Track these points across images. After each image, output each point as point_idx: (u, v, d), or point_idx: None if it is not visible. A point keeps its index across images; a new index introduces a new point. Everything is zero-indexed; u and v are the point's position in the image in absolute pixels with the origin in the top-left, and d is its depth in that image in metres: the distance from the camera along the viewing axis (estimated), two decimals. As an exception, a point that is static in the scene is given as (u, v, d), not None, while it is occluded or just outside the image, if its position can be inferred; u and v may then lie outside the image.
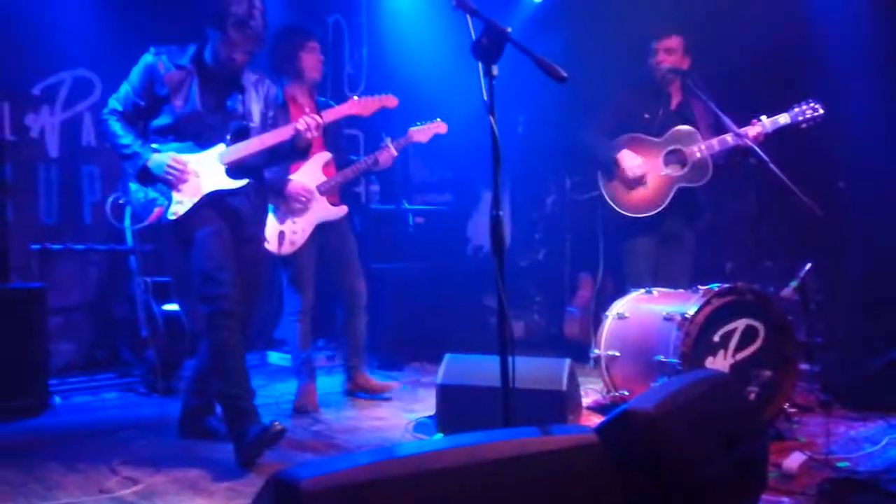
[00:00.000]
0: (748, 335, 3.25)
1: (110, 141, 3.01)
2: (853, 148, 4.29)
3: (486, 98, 2.04)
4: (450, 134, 4.00)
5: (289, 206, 3.70)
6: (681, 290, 3.61)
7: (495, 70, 2.04)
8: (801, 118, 3.70)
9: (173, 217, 2.95)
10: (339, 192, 3.92)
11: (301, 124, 2.99)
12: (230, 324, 2.91)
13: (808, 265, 3.32)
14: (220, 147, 3.01)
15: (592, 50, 5.23)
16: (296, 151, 3.14)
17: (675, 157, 3.91)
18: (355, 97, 3.31)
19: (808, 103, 3.71)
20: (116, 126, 2.97)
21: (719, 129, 3.83)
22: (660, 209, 3.92)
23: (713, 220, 5.01)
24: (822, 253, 4.30)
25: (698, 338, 3.18)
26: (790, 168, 3.63)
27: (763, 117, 3.73)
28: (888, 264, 4.14)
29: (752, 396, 3.11)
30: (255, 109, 3.10)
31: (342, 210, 3.85)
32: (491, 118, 2.03)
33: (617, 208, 3.99)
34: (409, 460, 1.30)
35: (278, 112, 3.39)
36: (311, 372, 3.87)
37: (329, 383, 4.44)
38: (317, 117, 3.03)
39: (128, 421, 3.53)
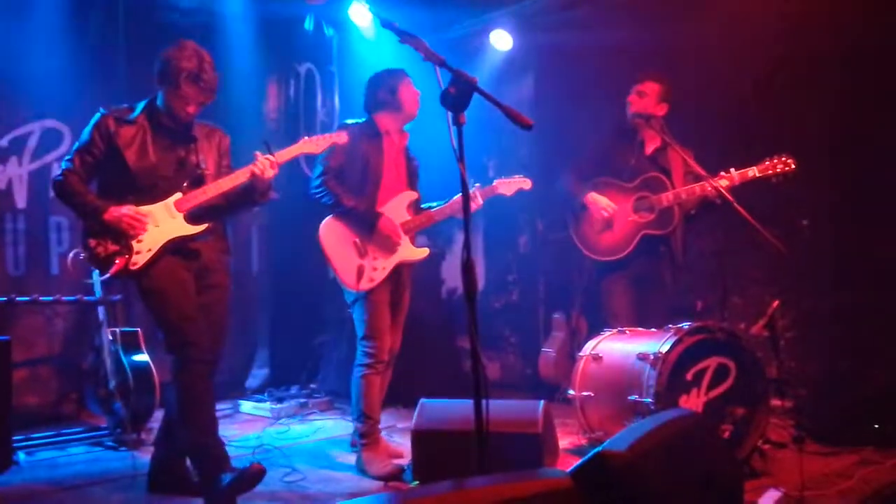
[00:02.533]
0: (720, 373, 3.29)
1: (67, 199, 3.01)
2: (815, 187, 4.41)
3: (454, 146, 2.08)
4: (422, 177, 4.01)
5: (375, 240, 3.52)
6: (653, 329, 3.65)
7: (463, 118, 2.08)
8: (770, 172, 3.75)
9: (135, 268, 2.95)
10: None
11: (258, 167, 3.00)
12: (198, 370, 2.91)
13: (776, 302, 3.38)
14: (177, 195, 3.03)
15: (561, 94, 5.37)
16: (255, 193, 3.10)
17: (644, 204, 3.96)
18: (306, 136, 3.30)
19: (780, 157, 3.75)
20: (71, 186, 2.98)
21: (696, 178, 3.87)
22: (625, 253, 3.96)
23: (682, 258, 5.10)
24: (790, 290, 4.39)
25: (671, 376, 3.20)
26: (755, 207, 3.72)
27: (732, 170, 3.78)
28: (855, 299, 4.23)
29: (727, 434, 3.14)
30: (210, 158, 3.14)
31: (424, 252, 3.66)
32: (460, 165, 2.07)
33: (584, 250, 4.06)
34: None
35: (336, 154, 3.46)
36: (379, 435, 3.61)
37: (303, 431, 4.38)
38: (271, 157, 3.03)
39: (96, 476, 3.44)
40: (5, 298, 4.05)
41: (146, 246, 2.96)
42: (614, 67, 4.71)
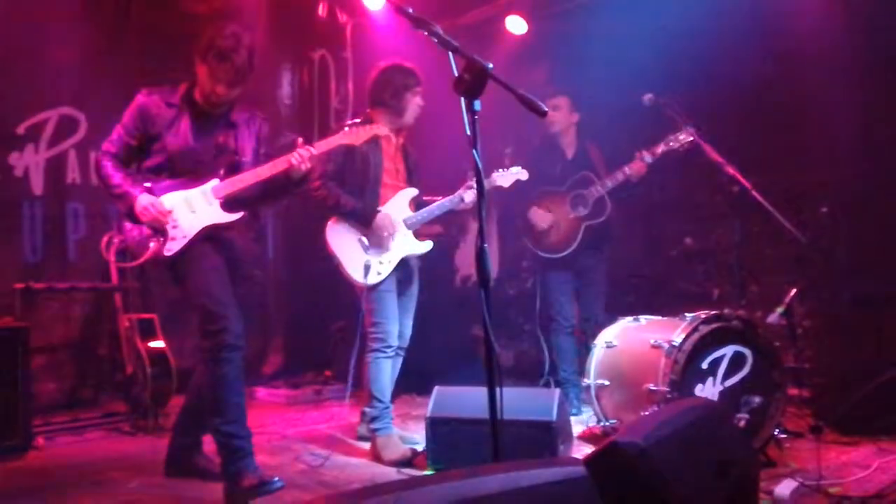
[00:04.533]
0: (736, 362, 3.27)
1: (103, 182, 3.03)
2: (835, 173, 4.36)
3: (468, 133, 2.07)
4: (437, 164, 4.03)
5: (375, 238, 3.62)
6: (668, 318, 3.63)
7: (477, 105, 2.07)
8: (674, 144, 4.03)
9: (169, 254, 2.93)
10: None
11: (296, 158, 2.97)
12: (232, 357, 2.90)
13: (794, 290, 3.36)
14: (214, 182, 3.01)
15: (576, 80, 5.32)
16: (291, 184, 3.09)
17: (579, 200, 4.40)
18: (346, 127, 3.25)
19: (682, 131, 3.98)
20: (108, 167, 3.00)
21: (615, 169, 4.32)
22: (573, 247, 4.40)
23: (699, 246, 5.08)
24: (809, 278, 4.35)
25: (687, 365, 3.19)
26: (773, 194, 3.69)
27: (644, 151, 4.13)
28: (874, 288, 4.18)
29: (742, 423, 3.12)
30: (247, 146, 3.12)
31: (427, 245, 3.76)
32: (474, 152, 2.06)
33: (540, 252, 4.48)
34: (396, 498, 1.30)
35: (336, 155, 3.48)
36: (391, 420, 3.66)
37: (317, 418, 4.42)
38: (311, 149, 3.01)
39: (113, 461, 3.49)
40: (23, 285, 4.10)
41: (181, 232, 2.95)
42: (629, 52, 4.66)
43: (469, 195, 3.69)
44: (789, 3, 4.46)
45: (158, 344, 4.18)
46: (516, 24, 5.44)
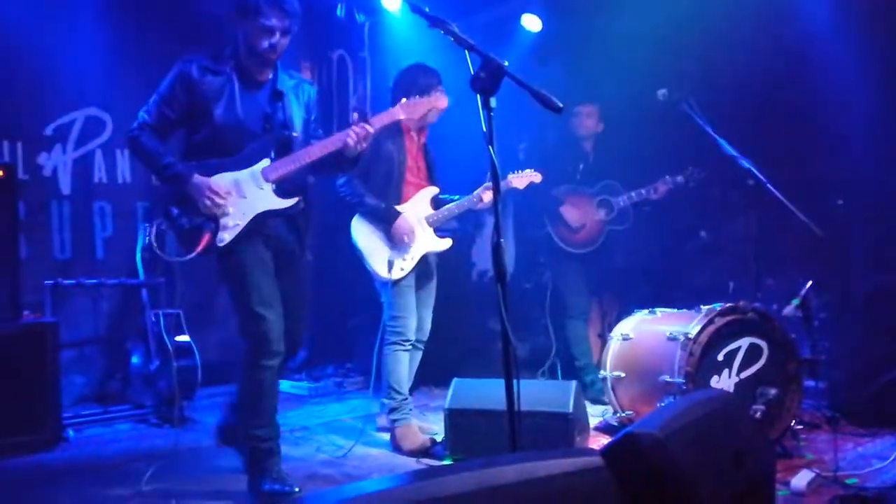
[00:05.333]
0: (752, 353, 3.25)
1: (146, 159, 2.75)
2: (851, 165, 4.31)
3: (485, 129, 2.07)
4: (454, 161, 4.06)
5: (396, 236, 3.66)
6: (684, 311, 3.62)
7: (493, 102, 2.07)
8: (688, 179, 4.47)
9: (221, 244, 2.70)
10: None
11: (352, 136, 2.77)
12: (268, 363, 2.78)
13: (810, 283, 3.33)
14: (265, 163, 2.77)
15: (592, 75, 5.29)
16: (344, 162, 2.88)
17: (605, 204, 4.62)
18: (404, 99, 3.04)
19: (695, 168, 4.45)
20: (151, 143, 2.70)
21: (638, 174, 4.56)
22: (595, 247, 4.60)
23: (714, 239, 5.05)
24: (825, 270, 4.30)
25: (702, 357, 3.18)
26: (789, 187, 3.66)
27: (667, 177, 4.48)
28: (890, 280, 4.13)
29: (758, 415, 3.10)
30: (297, 117, 2.88)
31: (447, 243, 3.81)
32: (490, 149, 2.06)
33: (563, 245, 4.60)
34: (416, 487, 1.31)
35: (382, 139, 3.45)
36: (410, 411, 3.68)
37: (339, 409, 4.44)
38: (367, 127, 2.81)
39: (141, 452, 3.54)
40: (52, 282, 4.16)
41: (233, 220, 2.70)
42: (644, 51, 4.63)
43: (487, 195, 3.68)
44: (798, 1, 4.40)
45: (184, 338, 4.23)
46: (531, 23, 5.43)
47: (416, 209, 3.70)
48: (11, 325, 3.56)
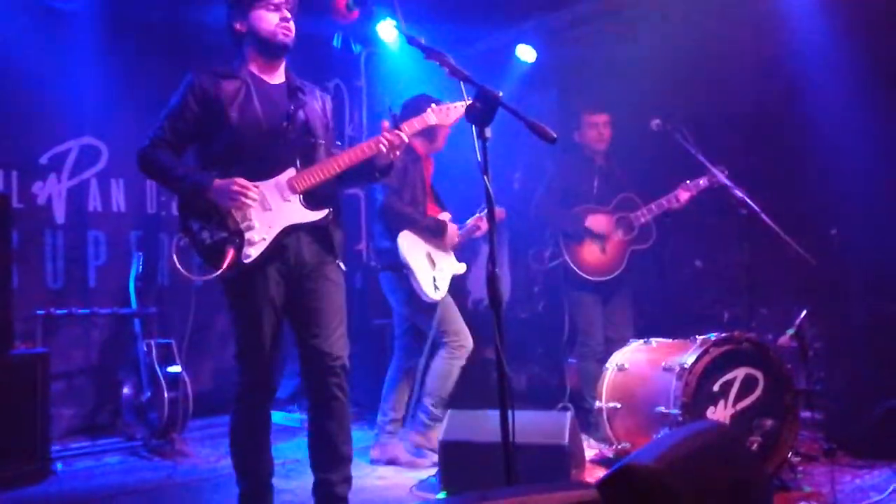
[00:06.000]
0: (748, 384, 3.24)
1: (159, 175, 2.61)
2: (843, 195, 4.34)
3: (479, 159, 2.09)
4: (449, 190, 4.12)
5: (438, 252, 3.79)
6: (679, 340, 3.61)
7: (488, 132, 2.09)
8: (714, 180, 3.97)
9: (248, 261, 2.51)
10: None
11: (384, 143, 2.61)
12: (254, 400, 2.70)
13: (804, 312, 3.33)
14: (291, 171, 2.59)
15: (586, 104, 5.35)
16: (375, 169, 2.71)
17: (625, 223, 4.29)
18: (434, 104, 2.85)
19: (718, 167, 3.96)
20: (164, 157, 2.56)
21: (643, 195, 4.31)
22: (619, 272, 4.27)
23: (709, 268, 5.06)
24: (819, 299, 4.30)
25: (698, 388, 3.16)
26: (781, 217, 3.69)
27: (688, 181, 4.11)
28: (886, 309, 4.14)
29: (755, 446, 3.08)
30: (318, 123, 2.73)
31: (463, 267, 3.99)
32: (485, 178, 2.07)
33: (580, 273, 4.27)
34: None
35: (408, 162, 3.60)
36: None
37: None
38: (402, 135, 2.65)
39: (131, 486, 3.49)
40: (44, 311, 4.14)
41: (259, 234, 2.52)
42: (636, 81, 4.70)
43: (484, 223, 3.78)
44: (793, 29, 4.47)
45: (176, 368, 4.20)
46: (526, 53, 5.50)
47: None
48: (2, 356, 3.53)
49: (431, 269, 3.74)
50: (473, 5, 5.15)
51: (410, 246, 3.71)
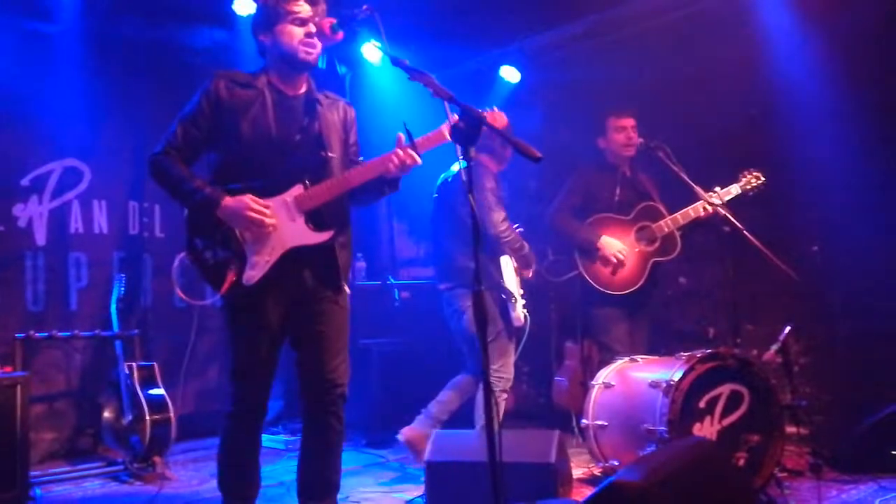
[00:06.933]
0: (733, 400, 3.25)
1: (169, 185, 2.53)
2: (825, 212, 4.40)
3: (464, 178, 2.10)
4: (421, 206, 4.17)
5: (522, 279, 3.91)
6: (664, 357, 3.63)
7: (473, 152, 2.11)
8: (748, 188, 3.93)
9: (250, 283, 2.48)
10: None
11: (395, 161, 2.53)
12: (241, 420, 2.68)
13: (788, 328, 3.37)
14: (298, 189, 2.54)
15: (569, 123, 5.41)
16: (385, 186, 2.66)
17: (646, 234, 4.08)
18: (448, 120, 2.54)
19: (751, 173, 3.95)
20: (175, 167, 2.50)
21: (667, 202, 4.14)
22: (639, 285, 4.05)
23: (694, 285, 5.09)
24: (803, 316, 4.35)
25: (684, 404, 3.17)
26: (764, 234, 3.73)
27: (717, 188, 3.92)
28: (868, 324, 4.18)
29: (741, 462, 3.09)
30: (334, 137, 2.66)
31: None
32: (470, 197, 2.08)
33: (598, 287, 4.05)
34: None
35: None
36: None
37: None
38: (414, 156, 2.55)
39: (111, 511, 3.43)
40: (24, 335, 4.08)
41: (262, 256, 2.48)
42: (615, 99, 4.76)
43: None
44: (774, 48, 4.56)
45: (158, 391, 4.15)
46: (510, 74, 5.56)
47: None
48: (-20, 380, 3.48)
49: (519, 295, 3.87)
50: (458, 27, 5.21)
51: (510, 273, 3.87)
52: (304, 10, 2.58)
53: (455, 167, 4.00)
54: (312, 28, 2.57)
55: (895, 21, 4.10)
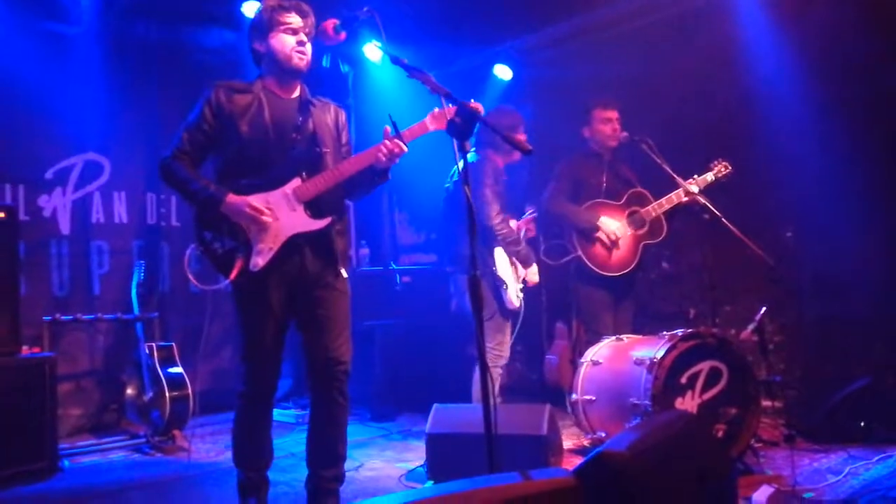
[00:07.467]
0: (713, 376, 3.26)
1: (176, 186, 2.62)
2: (797, 200, 4.39)
3: (460, 171, 2.09)
4: (434, 199, 4.12)
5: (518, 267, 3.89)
6: (648, 336, 3.63)
7: (468, 146, 2.10)
8: (719, 175, 3.95)
9: (255, 269, 2.53)
10: None
11: (383, 152, 2.58)
12: (257, 396, 2.70)
13: (763, 309, 3.37)
14: (296, 182, 2.60)
15: (559, 117, 5.38)
16: (375, 176, 2.69)
17: (637, 218, 4.06)
18: (437, 109, 2.65)
19: (720, 162, 3.97)
20: (182, 169, 2.58)
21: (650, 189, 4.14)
22: (632, 267, 4.04)
23: (675, 269, 5.09)
24: (777, 297, 4.36)
25: (667, 380, 3.18)
26: (741, 220, 3.73)
27: (696, 176, 3.92)
28: (838, 305, 4.19)
29: (720, 433, 3.11)
30: (327, 136, 2.71)
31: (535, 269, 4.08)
32: (465, 188, 2.07)
33: (596, 269, 4.01)
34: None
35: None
36: None
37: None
38: (401, 145, 2.60)
39: (135, 481, 3.44)
40: (50, 318, 4.09)
41: (266, 244, 2.54)
42: (601, 93, 4.72)
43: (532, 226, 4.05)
44: (748, 43, 4.53)
45: (177, 369, 4.16)
46: (503, 72, 5.53)
47: None
48: (11, 360, 3.49)
49: (516, 282, 3.86)
50: (454, 27, 5.18)
51: (504, 260, 3.83)
52: (296, 21, 2.64)
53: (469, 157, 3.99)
54: (304, 37, 2.64)
55: (863, 19, 4.07)
